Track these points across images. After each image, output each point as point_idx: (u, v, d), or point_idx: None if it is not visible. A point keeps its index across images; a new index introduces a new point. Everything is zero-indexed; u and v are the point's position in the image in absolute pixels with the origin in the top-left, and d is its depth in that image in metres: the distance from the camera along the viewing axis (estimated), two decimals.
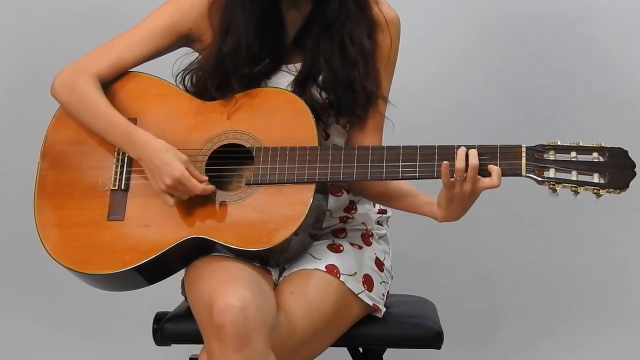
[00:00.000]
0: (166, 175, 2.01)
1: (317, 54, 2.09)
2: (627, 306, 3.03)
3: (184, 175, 2.00)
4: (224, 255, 2.04)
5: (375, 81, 2.11)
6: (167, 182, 2.01)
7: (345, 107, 2.10)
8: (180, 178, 2.00)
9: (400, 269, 2.33)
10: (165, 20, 2.14)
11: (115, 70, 2.14)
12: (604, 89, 2.95)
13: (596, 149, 1.92)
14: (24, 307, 3.14)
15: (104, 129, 2.10)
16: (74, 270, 2.06)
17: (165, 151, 2.03)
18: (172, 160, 2.02)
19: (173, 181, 2.01)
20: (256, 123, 2.06)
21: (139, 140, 2.05)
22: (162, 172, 2.02)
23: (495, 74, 2.97)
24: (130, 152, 2.07)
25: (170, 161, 2.02)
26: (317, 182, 2.00)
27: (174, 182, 2.01)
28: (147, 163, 2.04)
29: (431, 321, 2.19)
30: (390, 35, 2.13)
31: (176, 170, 2.01)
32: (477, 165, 1.93)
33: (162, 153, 2.03)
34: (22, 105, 3.03)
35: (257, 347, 1.85)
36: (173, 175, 2.01)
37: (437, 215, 2.04)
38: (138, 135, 2.06)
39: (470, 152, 1.93)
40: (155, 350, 2.23)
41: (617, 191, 1.89)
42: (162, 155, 2.03)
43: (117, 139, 2.08)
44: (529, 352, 3.04)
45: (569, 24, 2.94)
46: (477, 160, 1.93)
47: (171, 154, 2.03)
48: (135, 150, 2.06)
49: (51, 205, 2.11)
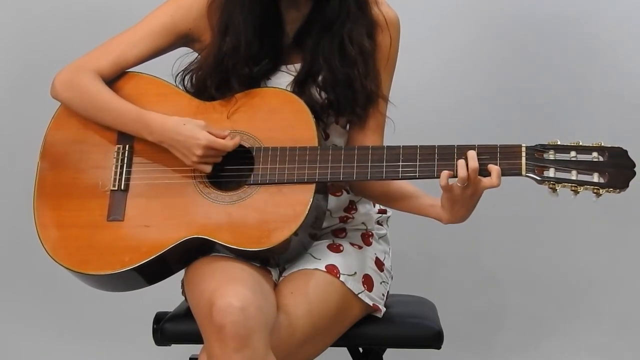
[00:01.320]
0: (195, 147, 2.01)
1: (317, 54, 2.09)
2: (627, 306, 3.03)
3: (211, 141, 2.01)
4: (224, 256, 2.04)
5: (375, 81, 2.11)
6: (197, 152, 2.01)
7: (345, 106, 2.10)
8: (208, 144, 2.01)
9: (400, 269, 2.34)
10: (166, 19, 2.14)
11: (115, 70, 2.14)
12: (604, 88, 2.95)
13: (596, 149, 1.92)
14: (23, 307, 3.14)
15: (115, 119, 2.09)
16: (73, 270, 2.06)
17: (183, 125, 2.03)
18: (194, 130, 2.02)
19: (203, 150, 2.01)
20: (256, 123, 2.06)
21: (154, 123, 2.05)
22: (190, 146, 2.02)
23: (495, 74, 2.97)
24: (148, 136, 2.07)
25: (193, 132, 2.02)
26: (317, 182, 2.00)
27: (204, 150, 2.01)
28: (170, 142, 2.04)
29: (431, 321, 2.19)
30: (390, 35, 2.13)
31: (201, 139, 2.01)
32: (477, 168, 1.93)
33: (181, 128, 2.03)
34: (22, 105, 3.03)
35: (257, 348, 1.85)
36: (201, 144, 2.01)
37: (441, 217, 2.04)
38: (152, 118, 2.06)
39: (469, 155, 1.93)
40: (155, 350, 2.23)
41: (617, 191, 1.89)
42: (182, 130, 2.03)
43: (132, 127, 2.08)
44: (529, 352, 3.05)
45: (569, 23, 2.94)
46: (477, 164, 1.93)
47: (190, 125, 2.03)
48: (153, 135, 2.06)
49: (51, 205, 2.11)
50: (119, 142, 2.12)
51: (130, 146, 2.11)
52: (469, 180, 1.94)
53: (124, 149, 2.11)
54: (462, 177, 1.94)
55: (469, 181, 1.94)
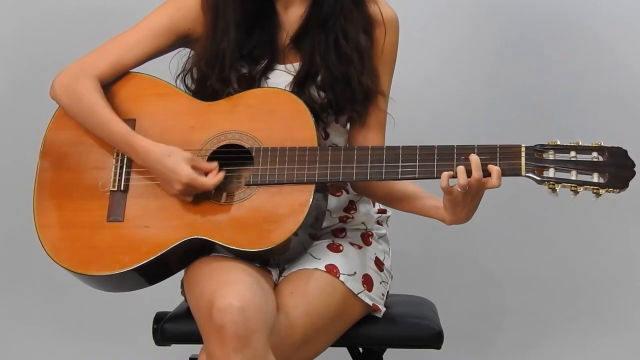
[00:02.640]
0: (175, 182, 2.01)
1: (314, 52, 2.09)
2: (627, 306, 3.03)
3: (191, 179, 2.00)
4: (223, 256, 2.04)
5: (372, 77, 2.11)
6: (177, 187, 2.02)
7: (344, 105, 2.10)
8: (188, 182, 2.00)
9: (400, 269, 2.33)
10: (165, 20, 2.14)
11: (115, 71, 2.14)
12: (604, 88, 2.94)
13: (596, 149, 1.91)
14: (23, 307, 3.13)
15: (106, 136, 2.10)
16: (73, 271, 2.06)
17: (168, 157, 2.03)
18: (177, 165, 2.01)
19: (182, 186, 2.01)
20: (256, 123, 2.06)
21: (140, 149, 2.05)
22: (170, 179, 2.02)
23: (495, 74, 2.97)
24: (134, 159, 2.08)
25: (175, 167, 2.01)
26: (317, 182, 2.00)
27: (184, 186, 2.01)
28: (153, 171, 2.05)
29: (431, 321, 2.19)
30: (388, 32, 2.12)
31: (182, 175, 2.00)
32: (481, 176, 1.93)
33: (165, 159, 2.02)
34: (21, 105, 3.03)
35: (257, 348, 1.85)
36: (181, 181, 2.01)
37: (445, 219, 2.04)
38: (139, 145, 2.05)
39: (473, 163, 1.93)
40: (155, 350, 2.23)
41: (616, 191, 1.89)
42: (165, 162, 2.02)
43: (121, 147, 2.09)
44: (529, 352, 3.04)
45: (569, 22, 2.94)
46: (481, 174, 1.92)
47: (174, 158, 2.02)
48: (138, 159, 2.07)
49: (51, 206, 2.11)
50: None
51: None
52: (470, 187, 1.94)
53: None
54: (462, 185, 1.94)
55: (471, 188, 1.94)
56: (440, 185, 1.96)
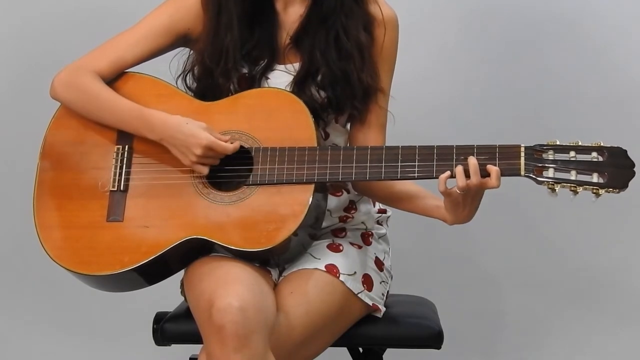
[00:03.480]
0: (195, 147, 2.01)
1: (314, 50, 2.09)
2: (627, 306, 3.03)
3: (211, 141, 2.00)
4: (223, 256, 2.04)
5: (372, 74, 2.11)
6: (197, 152, 2.01)
7: (344, 102, 2.10)
8: (209, 144, 2.00)
9: (400, 269, 2.33)
10: (165, 19, 2.14)
11: (114, 70, 2.14)
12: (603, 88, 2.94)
13: (595, 149, 1.91)
14: (24, 307, 3.14)
15: (116, 118, 2.09)
16: (73, 271, 2.06)
17: (185, 124, 2.03)
18: (195, 130, 2.01)
19: (203, 149, 2.00)
20: (255, 123, 2.06)
21: (156, 121, 2.05)
22: (190, 145, 2.01)
23: (495, 74, 2.97)
24: (149, 134, 2.06)
25: (194, 131, 2.01)
26: (316, 182, 2.00)
27: (204, 150, 2.00)
28: (170, 140, 2.04)
29: (431, 321, 2.19)
30: (388, 30, 2.13)
31: (202, 139, 2.00)
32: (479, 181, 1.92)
33: (183, 127, 2.02)
34: (21, 106, 3.03)
35: (256, 348, 1.85)
36: (201, 144, 2.00)
37: (446, 219, 2.04)
38: (154, 116, 2.05)
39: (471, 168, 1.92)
40: (155, 350, 2.23)
41: (616, 191, 1.89)
42: (184, 129, 2.02)
43: (133, 125, 2.07)
44: (529, 352, 3.04)
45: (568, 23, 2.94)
46: (479, 179, 1.92)
47: (191, 125, 2.02)
48: (154, 132, 2.05)
49: (51, 206, 2.11)
50: (119, 143, 2.12)
51: (130, 147, 2.11)
52: (469, 189, 1.94)
53: (124, 150, 2.11)
54: (461, 187, 1.94)
55: (469, 191, 1.94)
56: (439, 189, 1.96)
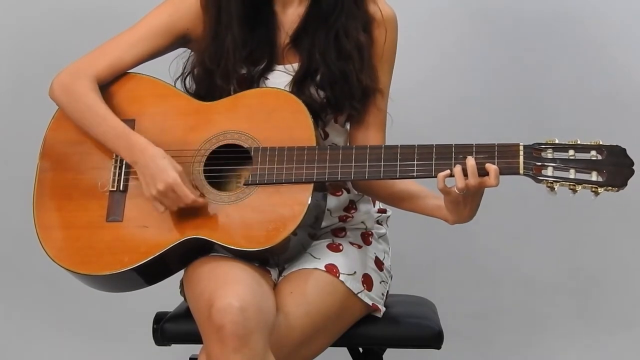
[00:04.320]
0: (159, 181, 2.00)
1: (314, 50, 2.09)
2: (627, 306, 3.03)
3: (176, 183, 1.99)
4: (223, 256, 2.04)
5: (371, 75, 2.11)
6: (159, 187, 2.00)
7: (342, 102, 2.10)
8: (173, 185, 1.99)
9: (400, 269, 2.33)
10: (164, 20, 2.14)
11: (114, 71, 2.14)
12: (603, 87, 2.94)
13: (594, 147, 1.91)
14: (23, 307, 3.14)
15: (102, 132, 2.09)
16: (73, 271, 2.06)
17: (162, 158, 2.02)
18: (168, 167, 2.01)
19: (165, 187, 1.99)
20: (254, 123, 2.06)
21: (137, 145, 2.04)
22: (156, 177, 2.00)
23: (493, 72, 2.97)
24: (126, 156, 2.06)
25: (165, 168, 2.00)
26: (315, 181, 2.00)
27: (166, 188, 1.99)
28: (141, 167, 2.03)
29: (431, 321, 2.18)
30: (387, 30, 2.13)
31: (169, 177, 1.99)
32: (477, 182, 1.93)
33: (159, 159, 2.02)
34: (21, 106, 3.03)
35: (256, 348, 1.85)
36: (166, 181, 1.99)
37: (447, 218, 2.04)
38: (137, 140, 2.05)
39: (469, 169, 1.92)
40: (155, 350, 2.23)
41: (615, 189, 1.89)
42: (158, 162, 2.02)
43: (115, 143, 2.07)
44: (529, 352, 3.04)
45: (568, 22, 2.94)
46: (477, 180, 1.92)
47: (167, 161, 2.02)
48: (131, 155, 2.05)
49: (50, 206, 2.11)
50: None
51: None
52: (468, 190, 1.94)
53: None
54: (460, 188, 1.94)
55: (468, 191, 1.94)
56: (438, 187, 1.96)
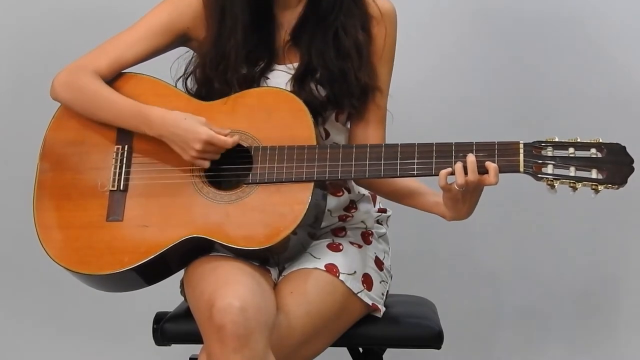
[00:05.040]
0: (194, 142, 2.01)
1: (313, 48, 2.09)
2: (627, 306, 3.03)
3: (210, 136, 2.01)
4: (223, 255, 2.04)
5: (370, 73, 2.11)
6: (197, 147, 2.01)
7: (342, 100, 2.10)
8: (208, 139, 2.01)
9: (400, 269, 2.33)
10: (164, 18, 2.14)
11: (114, 70, 2.14)
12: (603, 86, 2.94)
13: (594, 145, 1.91)
14: (23, 307, 3.13)
15: (115, 116, 2.09)
16: (73, 271, 2.06)
17: (184, 119, 2.03)
18: (195, 125, 2.02)
19: (202, 144, 2.01)
20: (254, 123, 2.07)
21: (155, 117, 2.05)
22: (190, 140, 2.01)
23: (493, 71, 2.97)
24: (148, 131, 2.06)
25: (193, 127, 2.02)
26: (315, 180, 2.01)
27: (204, 144, 2.01)
28: (170, 136, 2.04)
29: (431, 321, 2.18)
30: (386, 27, 2.13)
31: (202, 133, 2.01)
32: (477, 179, 1.93)
33: (182, 122, 2.03)
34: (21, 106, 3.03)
35: (256, 348, 1.85)
36: (201, 139, 2.01)
37: (445, 215, 2.05)
38: (152, 113, 2.06)
39: (469, 165, 1.93)
40: (155, 350, 2.23)
41: (615, 187, 1.89)
42: (183, 124, 2.03)
43: (132, 122, 2.08)
44: (529, 352, 3.04)
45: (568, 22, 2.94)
46: (476, 177, 1.93)
47: (190, 120, 2.03)
48: (153, 129, 2.06)
49: (50, 206, 2.11)
50: (118, 143, 2.12)
51: (130, 146, 2.11)
52: (468, 186, 1.94)
53: (123, 149, 2.11)
54: (460, 184, 1.94)
55: (468, 187, 1.94)
56: (439, 184, 1.97)
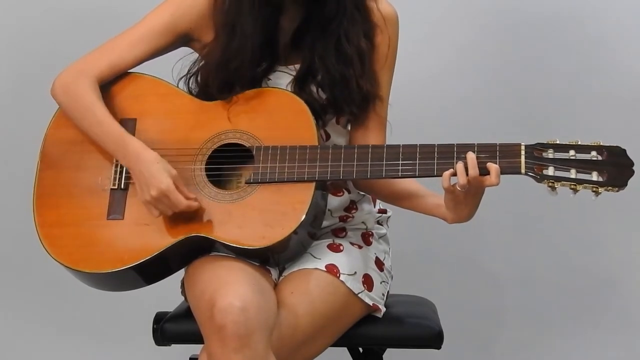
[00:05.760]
0: (152, 187, 2.00)
1: (314, 52, 2.09)
2: (627, 306, 3.03)
3: (169, 189, 2.00)
4: (224, 255, 2.04)
5: (372, 81, 2.11)
6: (152, 193, 2.00)
7: (342, 105, 2.10)
8: (166, 191, 2.00)
9: (400, 269, 2.33)
10: (165, 19, 2.13)
11: (116, 70, 2.14)
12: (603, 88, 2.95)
13: (595, 148, 1.92)
14: (23, 306, 3.14)
15: (97, 135, 2.09)
16: (72, 269, 2.06)
17: (156, 163, 2.02)
18: (161, 173, 2.01)
19: (158, 193, 2.00)
20: (256, 123, 2.07)
21: (132, 151, 2.05)
22: (149, 184, 2.01)
23: (495, 73, 2.97)
24: (122, 160, 2.07)
25: (158, 174, 2.01)
26: (317, 180, 2.01)
27: (159, 194, 2.00)
28: (136, 173, 2.04)
29: (431, 321, 2.19)
30: (389, 35, 2.13)
31: (162, 183, 2.00)
32: (477, 175, 1.93)
33: (152, 165, 2.02)
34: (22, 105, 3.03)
35: (257, 348, 1.86)
36: (159, 188, 2.00)
37: (447, 217, 2.05)
38: (131, 145, 2.05)
39: (469, 161, 1.93)
40: (155, 350, 2.23)
41: (615, 189, 1.90)
42: (151, 167, 2.02)
43: (110, 147, 2.08)
44: (529, 352, 3.04)
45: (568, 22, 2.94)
46: (477, 171, 1.93)
47: (161, 166, 2.02)
48: (125, 160, 2.06)
49: (50, 204, 2.11)
50: None
51: None
52: (469, 185, 1.94)
53: None
54: (462, 184, 1.94)
55: (469, 186, 1.95)
56: (442, 186, 1.97)
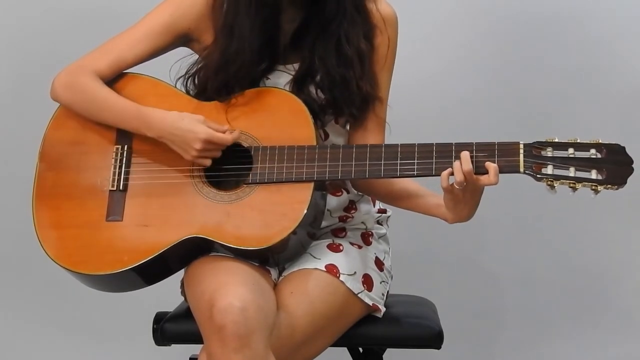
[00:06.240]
0: (194, 141, 2.02)
1: (314, 52, 2.09)
2: (627, 306, 3.03)
3: (210, 134, 2.01)
4: (223, 255, 2.04)
5: (372, 82, 2.11)
6: (197, 147, 2.02)
7: (341, 106, 2.10)
8: (208, 138, 2.01)
9: (400, 269, 2.33)
10: (165, 18, 2.14)
11: (114, 70, 2.14)
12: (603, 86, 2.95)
13: (594, 146, 1.92)
14: (23, 307, 3.14)
15: (114, 117, 2.10)
16: (72, 270, 2.06)
17: (182, 119, 2.04)
18: (193, 124, 2.03)
19: (202, 144, 2.01)
20: (255, 123, 2.07)
21: (153, 119, 2.06)
22: (189, 140, 2.02)
23: (495, 73, 2.98)
24: (147, 132, 2.07)
25: (192, 126, 2.02)
26: (315, 180, 2.01)
27: (203, 144, 2.01)
28: (169, 137, 2.05)
29: (431, 321, 2.19)
30: (389, 36, 2.13)
31: (200, 132, 2.01)
32: (471, 169, 1.93)
33: (180, 122, 2.03)
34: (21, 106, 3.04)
35: (257, 348, 1.86)
36: (200, 138, 2.01)
37: (447, 217, 2.04)
38: (151, 115, 2.06)
39: (462, 157, 1.94)
40: (155, 350, 2.23)
41: (614, 187, 1.89)
42: (181, 125, 2.03)
43: (131, 124, 2.08)
44: (530, 352, 3.04)
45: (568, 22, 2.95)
46: (470, 166, 1.93)
47: (188, 119, 2.04)
48: (152, 130, 2.06)
49: (50, 206, 2.11)
50: (118, 142, 2.12)
51: (129, 146, 2.11)
52: (466, 181, 1.94)
53: (123, 149, 2.11)
54: (459, 182, 1.94)
55: (466, 182, 1.94)
56: (441, 186, 1.97)
